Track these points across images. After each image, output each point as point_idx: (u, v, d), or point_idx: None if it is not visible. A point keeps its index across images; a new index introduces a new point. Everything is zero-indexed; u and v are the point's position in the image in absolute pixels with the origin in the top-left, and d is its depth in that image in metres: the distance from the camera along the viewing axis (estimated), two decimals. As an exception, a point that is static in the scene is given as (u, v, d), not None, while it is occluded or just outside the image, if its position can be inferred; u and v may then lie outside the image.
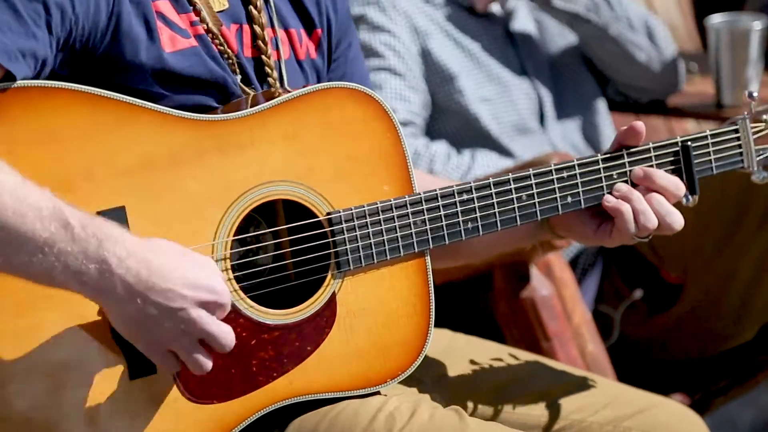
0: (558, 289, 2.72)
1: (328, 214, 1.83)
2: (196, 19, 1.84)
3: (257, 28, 1.91)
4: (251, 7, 1.91)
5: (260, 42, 1.91)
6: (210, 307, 1.66)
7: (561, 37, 3.22)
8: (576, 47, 3.23)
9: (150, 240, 1.65)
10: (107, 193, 1.70)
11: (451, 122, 3.04)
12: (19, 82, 1.67)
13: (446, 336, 2.21)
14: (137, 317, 1.63)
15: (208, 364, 1.69)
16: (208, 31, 1.85)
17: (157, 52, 1.78)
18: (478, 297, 2.86)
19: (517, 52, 3.13)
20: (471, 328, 2.36)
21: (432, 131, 3.04)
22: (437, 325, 2.00)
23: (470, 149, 3.01)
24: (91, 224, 1.60)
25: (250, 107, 1.82)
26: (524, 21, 3.18)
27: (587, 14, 3.12)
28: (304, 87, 1.85)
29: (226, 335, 1.68)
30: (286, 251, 1.84)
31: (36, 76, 1.69)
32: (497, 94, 3.05)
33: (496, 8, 3.13)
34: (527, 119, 3.07)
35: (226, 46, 1.87)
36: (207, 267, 1.67)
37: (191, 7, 1.84)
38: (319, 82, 2.00)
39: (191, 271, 1.65)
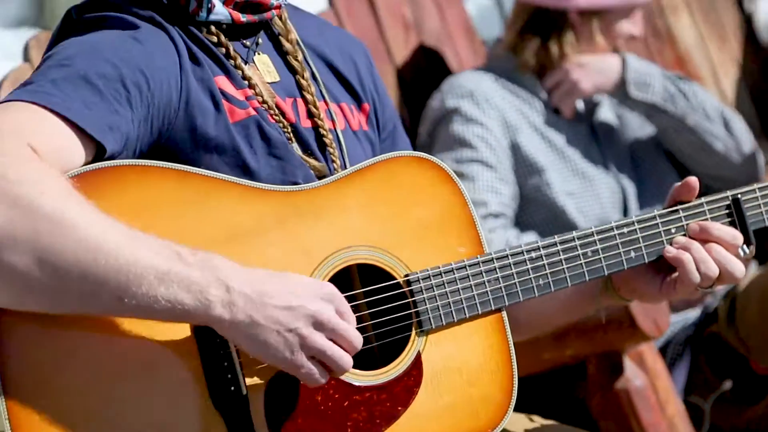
0: (651, 380, 2.73)
1: (406, 276, 1.89)
2: (252, 93, 1.93)
3: (307, 96, 2.00)
4: (298, 77, 2.00)
5: (312, 108, 1.99)
6: (333, 309, 1.73)
7: (641, 130, 3.30)
8: (656, 139, 3.30)
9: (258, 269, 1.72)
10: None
11: (539, 214, 3.11)
12: (113, 162, 1.76)
13: (524, 420, 2.23)
14: (262, 335, 1.68)
15: (347, 360, 1.73)
16: (263, 102, 1.94)
17: (224, 122, 1.88)
18: (573, 387, 2.88)
19: (599, 146, 3.21)
20: (566, 418, 2.37)
21: (521, 222, 3.11)
22: (532, 411, 2.02)
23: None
24: (201, 254, 1.68)
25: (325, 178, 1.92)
26: (606, 115, 3.27)
27: (664, 105, 3.21)
28: (375, 157, 1.96)
29: (356, 335, 1.74)
30: (364, 313, 1.89)
31: (122, 152, 1.78)
32: (582, 188, 3.13)
33: (579, 105, 3.24)
34: (611, 212, 3.14)
35: (281, 117, 1.95)
36: (315, 281, 1.75)
37: (246, 83, 1.93)
38: (373, 152, 2.09)
39: (304, 282, 1.73)
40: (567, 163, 3.14)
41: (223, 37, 1.93)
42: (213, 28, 1.93)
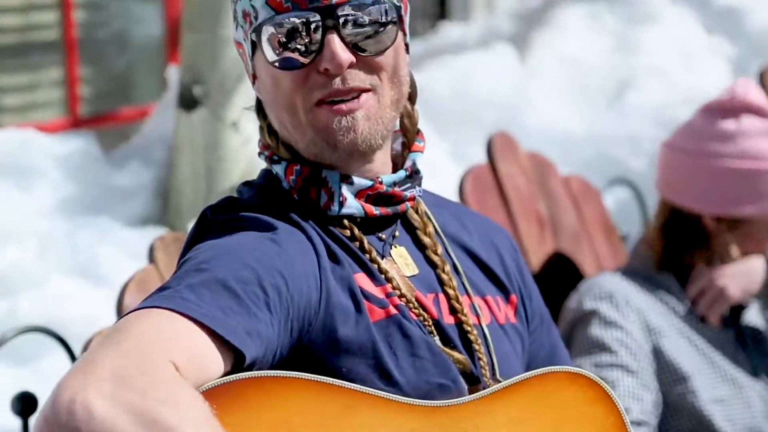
0: None
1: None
2: (392, 290, 1.87)
3: (449, 291, 1.93)
4: (439, 271, 1.94)
5: (455, 303, 1.92)
6: None
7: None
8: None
9: None
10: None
11: (683, 422, 2.96)
12: (255, 372, 1.71)
13: None
14: None
15: None
16: (403, 298, 1.88)
17: (365, 323, 1.82)
18: None
19: (747, 351, 3.07)
20: None
21: (663, 431, 2.98)
22: None
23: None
24: None
25: (470, 394, 1.83)
26: (753, 319, 3.13)
27: None
28: (527, 372, 1.87)
29: None
30: None
31: (264, 357, 1.73)
32: (731, 396, 2.98)
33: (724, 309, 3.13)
34: (762, 422, 2.99)
35: (423, 312, 1.88)
36: None
37: (384, 278, 1.87)
38: (523, 347, 2.00)
39: None
40: (715, 369, 3.00)
41: (356, 231, 1.89)
42: (346, 222, 1.89)
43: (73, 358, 2.78)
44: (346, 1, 1.84)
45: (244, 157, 5.05)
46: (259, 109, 1.96)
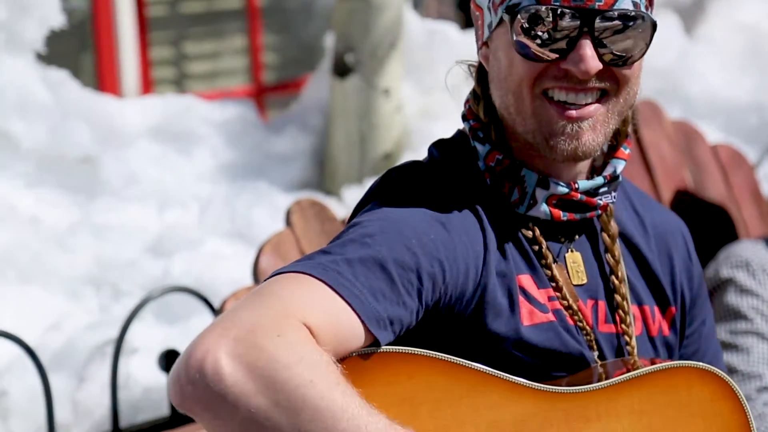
0: None
1: (677, 491, 1.78)
2: (555, 294, 1.86)
3: (617, 297, 1.90)
4: (612, 277, 1.92)
5: (620, 312, 1.90)
6: None
7: None
8: None
9: None
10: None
11: None
12: (383, 348, 1.73)
13: None
14: None
15: None
16: (567, 306, 1.87)
17: (515, 324, 1.81)
18: None
19: None
20: None
21: None
22: None
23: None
24: None
25: (597, 381, 1.82)
26: None
27: None
28: (652, 362, 1.85)
29: None
30: None
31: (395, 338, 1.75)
32: None
33: None
34: None
35: (584, 322, 1.88)
36: None
37: (552, 283, 1.86)
38: (671, 358, 1.98)
39: None
40: None
41: (538, 233, 1.87)
42: (530, 223, 1.87)
43: (217, 318, 2.85)
44: (608, 9, 1.79)
45: (397, 124, 5.08)
46: (479, 75, 1.92)
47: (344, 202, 4.78)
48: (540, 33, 1.80)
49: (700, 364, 1.85)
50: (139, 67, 6.04)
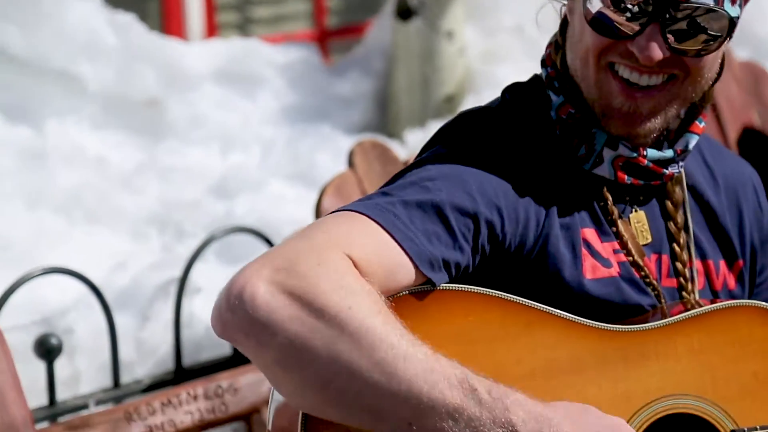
0: None
1: (733, 431, 1.77)
2: (619, 248, 1.85)
3: (677, 249, 1.89)
4: (675, 244, 1.90)
5: (679, 265, 1.89)
6: None
7: None
8: None
9: (552, 403, 1.65)
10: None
11: None
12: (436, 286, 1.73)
13: None
14: None
15: None
16: (633, 262, 1.85)
17: (578, 277, 1.81)
18: None
19: None
20: None
21: None
22: None
23: None
24: (496, 389, 1.61)
25: (654, 320, 1.81)
26: None
27: None
28: (712, 303, 1.84)
29: None
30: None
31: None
32: None
33: None
34: None
35: (650, 277, 1.86)
36: (621, 426, 1.65)
37: (616, 238, 1.86)
38: None
39: (599, 427, 1.63)
40: None
41: (605, 190, 1.86)
42: (596, 179, 1.86)
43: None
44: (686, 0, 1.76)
45: (460, 67, 5.06)
46: (562, 25, 1.90)
47: (406, 145, 4.78)
48: (616, 10, 1.78)
49: (763, 303, 1.83)
50: (203, 11, 6.05)
